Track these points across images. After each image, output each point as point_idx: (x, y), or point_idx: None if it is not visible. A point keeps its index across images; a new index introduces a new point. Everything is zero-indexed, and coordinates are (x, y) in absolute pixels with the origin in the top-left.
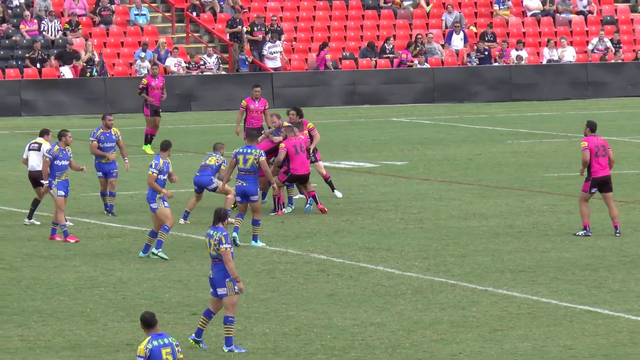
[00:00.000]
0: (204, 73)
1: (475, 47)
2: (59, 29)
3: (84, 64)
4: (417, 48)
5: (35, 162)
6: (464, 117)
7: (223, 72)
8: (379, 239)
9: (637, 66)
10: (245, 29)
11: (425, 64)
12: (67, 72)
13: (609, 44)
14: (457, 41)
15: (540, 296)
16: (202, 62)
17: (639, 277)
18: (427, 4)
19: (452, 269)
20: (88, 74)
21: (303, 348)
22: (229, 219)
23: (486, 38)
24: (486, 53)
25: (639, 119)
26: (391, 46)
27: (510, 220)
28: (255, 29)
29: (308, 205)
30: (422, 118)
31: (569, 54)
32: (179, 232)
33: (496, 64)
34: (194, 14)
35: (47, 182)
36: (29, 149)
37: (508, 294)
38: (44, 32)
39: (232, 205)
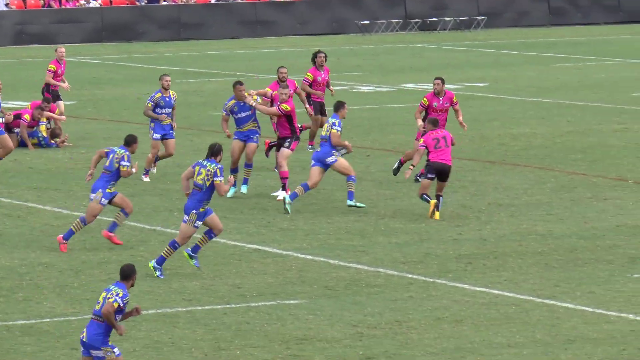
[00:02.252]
0: None
1: None
2: None
3: None
4: None
5: None
6: (133, 57)
7: None
8: (47, 179)
9: (306, 5)
10: None
11: (93, 2)
12: None
13: None
14: None
15: None
16: None
17: (307, 216)
18: None
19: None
20: None
21: None
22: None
23: None
24: None
25: (307, 57)
26: None
27: (179, 159)
28: None
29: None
30: (91, 57)
31: None
32: None
33: (165, 2)
34: None
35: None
36: None
37: (175, 232)
38: None
39: None
